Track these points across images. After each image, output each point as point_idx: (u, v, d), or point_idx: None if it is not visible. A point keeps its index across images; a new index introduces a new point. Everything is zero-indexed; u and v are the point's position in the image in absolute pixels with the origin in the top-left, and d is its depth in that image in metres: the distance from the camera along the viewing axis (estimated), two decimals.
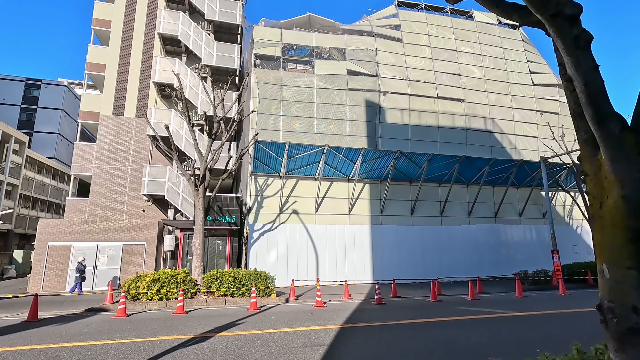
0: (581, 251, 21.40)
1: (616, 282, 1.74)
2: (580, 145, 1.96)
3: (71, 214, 18.26)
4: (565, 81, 1.92)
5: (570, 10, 1.66)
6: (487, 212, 20.84)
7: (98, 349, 6.22)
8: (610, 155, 1.72)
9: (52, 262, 17.00)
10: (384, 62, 21.58)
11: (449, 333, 7.14)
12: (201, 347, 6.23)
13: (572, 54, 1.68)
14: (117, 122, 19.86)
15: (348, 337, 6.86)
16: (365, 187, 19.06)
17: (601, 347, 2.79)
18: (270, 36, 20.50)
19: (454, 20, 24.73)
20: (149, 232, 18.55)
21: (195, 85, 19.95)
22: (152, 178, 18.50)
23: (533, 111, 23.72)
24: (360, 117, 20.21)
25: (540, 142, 22.96)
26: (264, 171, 17.70)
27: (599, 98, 1.68)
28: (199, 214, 13.48)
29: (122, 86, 20.36)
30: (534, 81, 24.60)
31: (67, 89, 43.72)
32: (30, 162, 36.09)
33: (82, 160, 19.13)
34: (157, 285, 11.41)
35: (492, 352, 5.64)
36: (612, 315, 1.74)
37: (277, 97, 19.14)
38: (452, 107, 22.06)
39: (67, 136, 42.89)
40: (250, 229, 16.94)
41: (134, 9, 21.43)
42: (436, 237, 19.17)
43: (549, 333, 7.02)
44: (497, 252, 19.92)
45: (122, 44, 20.82)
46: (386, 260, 17.98)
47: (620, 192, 1.71)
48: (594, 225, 1.90)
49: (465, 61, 23.49)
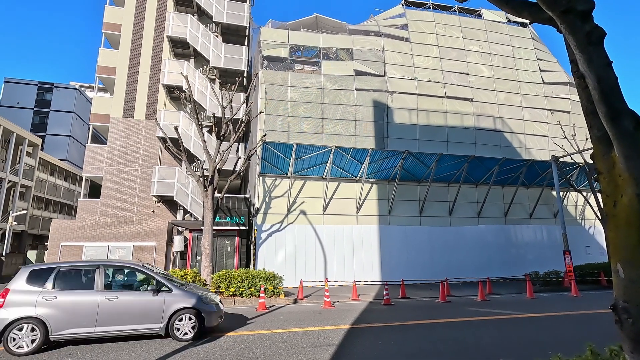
0: (594, 252, 21.01)
1: (631, 282, 1.71)
2: (593, 143, 1.93)
3: (83, 214, 18.57)
4: (577, 78, 1.90)
5: (582, 6, 1.64)
6: (496, 212, 20.60)
7: (110, 348, 6.32)
8: (624, 152, 1.69)
9: None
10: (392, 62, 21.50)
11: (459, 334, 7.08)
12: (211, 347, 6.28)
13: (584, 50, 1.66)
14: (127, 124, 20.14)
15: (357, 337, 6.84)
16: (373, 187, 19.00)
17: (616, 348, 2.75)
18: (278, 37, 20.59)
19: (462, 19, 24.54)
20: (158, 232, 18.76)
21: (203, 87, 20.13)
22: (162, 179, 18.72)
23: (543, 110, 23.40)
24: (367, 118, 20.16)
25: (550, 141, 22.64)
26: (272, 172, 17.76)
27: (612, 95, 1.66)
28: (208, 215, 13.59)
29: (132, 89, 20.65)
30: (544, 79, 24.26)
31: (79, 92, 44.49)
32: (43, 164, 36.79)
33: (93, 162, 19.45)
34: None
35: (503, 353, 5.57)
36: (627, 315, 1.71)
37: (285, 98, 19.21)
38: (461, 107, 21.88)
39: (79, 138, 43.65)
40: (258, 230, 17.01)
41: (143, 12, 21.73)
42: (445, 238, 19.01)
43: (561, 335, 6.90)
44: (507, 253, 19.67)
45: (132, 47, 21.13)
46: (394, 260, 17.89)
47: (635, 190, 1.69)
48: (608, 224, 1.87)
49: (473, 60, 23.28)
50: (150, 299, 6.67)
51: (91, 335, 6.35)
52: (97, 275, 6.63)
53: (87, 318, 6.27)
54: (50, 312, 6.12)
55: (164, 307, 6.66)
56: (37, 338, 5.98)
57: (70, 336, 6.24)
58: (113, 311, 6.41)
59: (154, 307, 6.63)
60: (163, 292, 6.77)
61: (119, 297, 6.52)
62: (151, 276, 6.99)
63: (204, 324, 6.83)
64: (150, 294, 6.72)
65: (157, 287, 6.81)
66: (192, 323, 6.72)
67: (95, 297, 6.40)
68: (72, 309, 6.27)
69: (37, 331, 5.99)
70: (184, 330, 6.66)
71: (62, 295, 6.31)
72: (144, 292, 6.80)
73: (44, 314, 6.08)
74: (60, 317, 6.15)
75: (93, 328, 6.28)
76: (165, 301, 6.69)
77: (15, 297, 6.15)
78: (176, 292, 6.86)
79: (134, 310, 6.55)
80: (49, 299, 6.19)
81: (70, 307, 6.27)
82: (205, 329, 6.92)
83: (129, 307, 6.54)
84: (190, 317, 6.72)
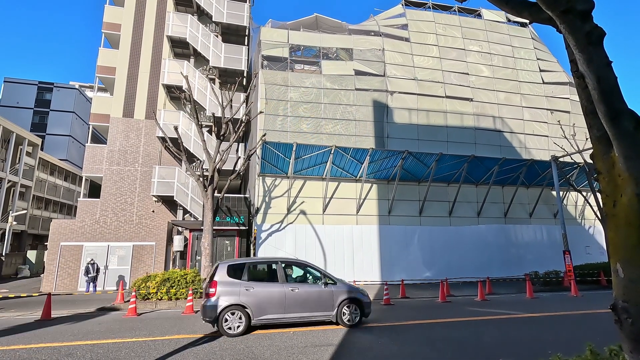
0: (593, 252, 21.01)
1: (631, 282, 1.72)
2: (593, 143, 1.93)
3: (83, 214, 18.57)
4: (577, 78, 1.90)
5: (582, 6, 1.64)
6: (496, 212, 20.60)
7: (110, 347, 6.32)
8: (624, 152, 1.70)
9: (65, 262, 17.30)
10: (392, 61, 21.49)
11: (459, 334, 7.08)
12: (210, 347, 6.28)
13: (584, 50, 1.66)
14: (127, 124, 20.13)
15: (357, 337, 6.85)
16: (373, 187, 19.00)
17: (615, 348, 2.75)
18: (278, 37, 20.58)
19: (462, 18, 24.54)
20: (158, 232, 18.76)
21: (203, 87, 20.12)
22: (162, 179, 18.71)
23: (543, 110, 23.41)
24: (367, 117, 20.16)
25: (550, 141, 22.64)
26: (272, 172, 17.76)
27: (612, 95, 1.66)
28: (208, 215, 13.59)
29: (131, 88, 20.65)
30: (544, 79, 24.26)
31: (79, 92, 44.47)
32: (43, 164, 36.78)
33: (93, 161, 19.44)
34: (167, 285, 11.54)
35: (503, 353, 5.57)
36: (627, 315, 1.71)
37: (285, 98, 19.20)
38: (461, 107, 21.88)
39: (79, 138, 43.63)
40: (258, 230, 17.01)
41: (143, 12, 21.72)
42: (445, 238, 19.01)
43: (561, 334, 6.91)
44: (506, 253, 19.67)
45: (131, 47, 21.12)
46: (394, 260, 17.90)
47: (634, 189, 1.69)
48: (608, 224, 1.88)
49: (473, 60, 23.27)
50: (322, 290, 7.74)
51: (281, 321, 7.43)
52: (279, 270, 7.79)
53: (277, 306, 7.38)
54: (251, 300, 7.25)
55: (333, 297, 7.72)
56: (243, 322, 7.10)
57: (265, 321, 7.32)
58: (296, 300, 7.50)
59: (326, 297, 7.70)
60: (330, 285, 7.84)
61: (299, 289, 7.63)
62: (318, 270, 8.13)
63: (364, 312, 7.82)
64: (321, 286, 7.78)
65: (325, 281, 7.87)
66: (356, 312, 7.75)
67: (281, 288, 7.53)
68: (266, 297, 7.38)
69: (243, 316, 7.12)
70: (350, 317, 7.67)
71: (256, 286, 7.45)
72: (316, 285, 7.90)
73: (246, 301, 7.21)
74: (258, 304, 7.27)
75: (282, 314, 7.40)
76: (333, 292, 7.75)
77: (223, 288, 7.24)
78: (340, 285, 7.95)
79: (311, 300, 7.63)
80: (248, 290, 7.33)
81: (264, 296, 7.39)
82: (364, 315, 7.88)
83: (308, 297, 7.62)
84: (355, 306, 7.75)
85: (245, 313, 7.14)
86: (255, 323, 7.24)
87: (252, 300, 7.25)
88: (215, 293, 7.15)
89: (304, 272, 8.34)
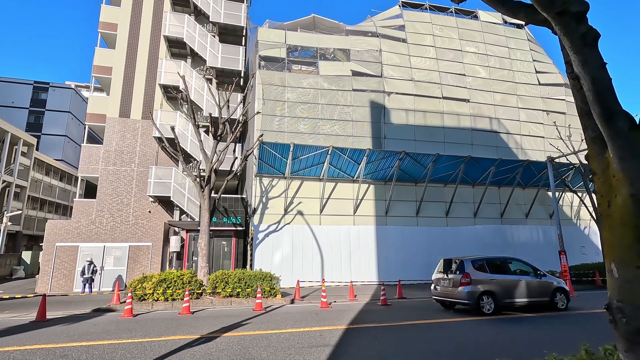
0: (589, 252, 21.16)
1: (625, 282, 1.73)
2: (588, 144, 1.94)
3: (78, 215, 18.45)
4: (572, 79, 1.91)
5: (577, 7, 1.66)
6: (493, 212, 20.70)
7: (105, 348, 6.28)
8: (618, 153, 1.71)
9: (60, 262, 17.18)
10: (389, 62, 21.55)
11: (455, 334, 7.10)
12: (207, 347, 6.25)
13: (579, 51, 1.67)
14: (123, 124, 20.03)
15: (354, 337, 6.85)
16: (370, 187, 19.02)
17: (610, 348, 2.77)
18: (275, 38, 20.57)
19: (458, 20, 24.64)
20: (155, 233, 18.68)
21: (200, 87, 20.07)
22: (158, 179, 18.63)
23: (539, 111, 23.55)
24: (364, 118, 20.19)
25: (546, 142, 22.78)
26: (269, 172, 17.74)
27: (607, 96, 1.67)
28: (205, 215, 13.54)
29: (128, 88, 20.54)
30: (540, 81, 24.41)
31: (74, 92, 44.21)
32: (38, 164, 36.51)
33: (89, 162, 19.33)
34: (163, 286, 11.48)
35: (499, 352, 5.60)
36: (622, 315, 1.73)
37: (282, 99, 19.19)
38: (458, 108, 21.97)
39: (75, 138, 43.36)
40: (255, 230, 16.98)
41: (140, 12, 21.63)
42: (442, 238, 19.06)
43: (557, 334, 6.95)
44: (503, 253, 19.63)
45: (128, 47, 21.02)
46: (391, 261, 17.92)
47: (629, 190, 1.70)
48: (603, 224, 1.89)
49: (470, 61, 23.38)
50: (540, 281, 9.81)
51: (516, 304, 9.40)
52: (506, 265, 9.94)
53: (513, 292, 9.39)
54: (495, 288, 9.22)
55: (548, 286, 9.81)
56: (493, 305, 9.05)
57: (506, 304, 9.29)
58: (524, 288, 9.49)
59: (543, 286, 9.78)
60: (542, 277, 9.87)
61: (524, 279, 9.62)
62: (529, 265, 10.18)
63: (569, 298, 9.91)
64: (537, 278, 9.80)
65: (539, 273, 9.90)
66: (564, 299, 9.81)
67: (512, 278, 9.59)
68: (505, 285, 9.37)
69: (492, 300, 9.08)
70: (561, 302, 9.73)
71: (495, 277, 9.37)
72: (532, 276, 9.84)
73: (493, 289, 9.19)
74: (500, 291, 9.25)
75: (517, 299, 9.38)
76: (546, 282, 9.84)
77: (475, 278, 9.17)
78: (549, 277, 10.02)
79: (534, 288, 9.63)
80: (491, 279, 9.26)
81: (504, 284, 9.36)
82: (569, 301, 9.88)
83: (531, 286, 9.60)
84: (564, 295, 9.80)
85: (494, 297, 9.06)
86: (499, 305, 9.10)
87: (496, 287, 9.19)
88: (470, 282, 9.06)
89: (520, 267, 10.16)
